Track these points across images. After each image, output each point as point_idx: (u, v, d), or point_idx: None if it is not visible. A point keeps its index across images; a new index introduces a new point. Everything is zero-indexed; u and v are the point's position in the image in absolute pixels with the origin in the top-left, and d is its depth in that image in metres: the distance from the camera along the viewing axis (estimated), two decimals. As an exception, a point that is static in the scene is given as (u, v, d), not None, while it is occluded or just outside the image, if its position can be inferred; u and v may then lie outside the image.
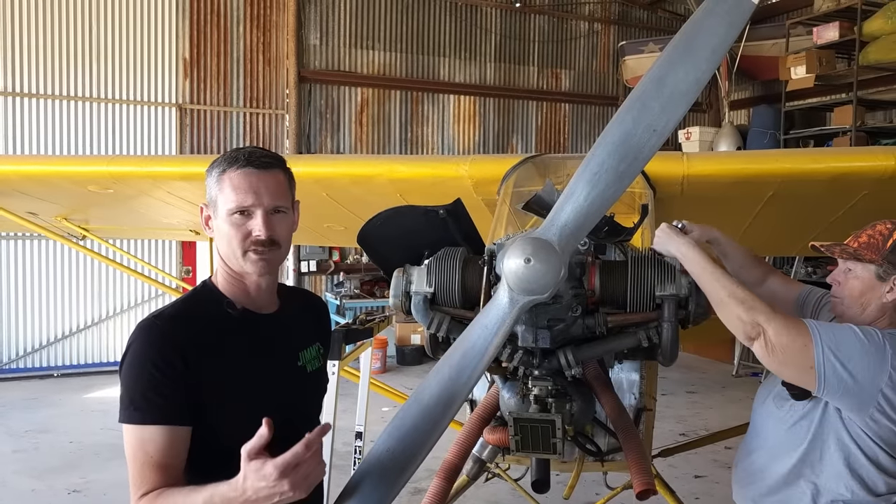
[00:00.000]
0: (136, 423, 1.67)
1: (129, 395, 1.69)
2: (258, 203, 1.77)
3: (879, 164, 3.17)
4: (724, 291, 2.01)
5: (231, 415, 1.74)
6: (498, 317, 1.70)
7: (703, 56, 1.67)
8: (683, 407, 8.41)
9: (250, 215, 1.78)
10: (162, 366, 1.68)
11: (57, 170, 4.41)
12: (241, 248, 1.79)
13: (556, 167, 3.54)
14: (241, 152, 1.81)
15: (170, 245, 10.01)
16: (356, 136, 10.95)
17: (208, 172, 1.84)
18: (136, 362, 1.70)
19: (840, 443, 2.16)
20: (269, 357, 1.85)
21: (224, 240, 1.81)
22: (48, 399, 8.55)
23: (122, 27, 9.55)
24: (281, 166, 1.86)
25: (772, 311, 2.04)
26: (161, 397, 1.67)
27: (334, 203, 4.29)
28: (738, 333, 2.07)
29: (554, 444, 1.97)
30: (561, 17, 12.12)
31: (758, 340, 2.04)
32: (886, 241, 2.17)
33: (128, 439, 1.69)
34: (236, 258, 1.80)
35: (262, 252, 1.79)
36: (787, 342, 2.02)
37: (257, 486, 1.49)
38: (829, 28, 9.45)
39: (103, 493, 5.77)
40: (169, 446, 1.67)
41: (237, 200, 1.76)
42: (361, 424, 4.60)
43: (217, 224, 1.82)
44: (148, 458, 1.66)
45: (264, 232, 1.77)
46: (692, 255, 2.02)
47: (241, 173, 1.77)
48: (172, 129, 9.87)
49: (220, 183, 1.79)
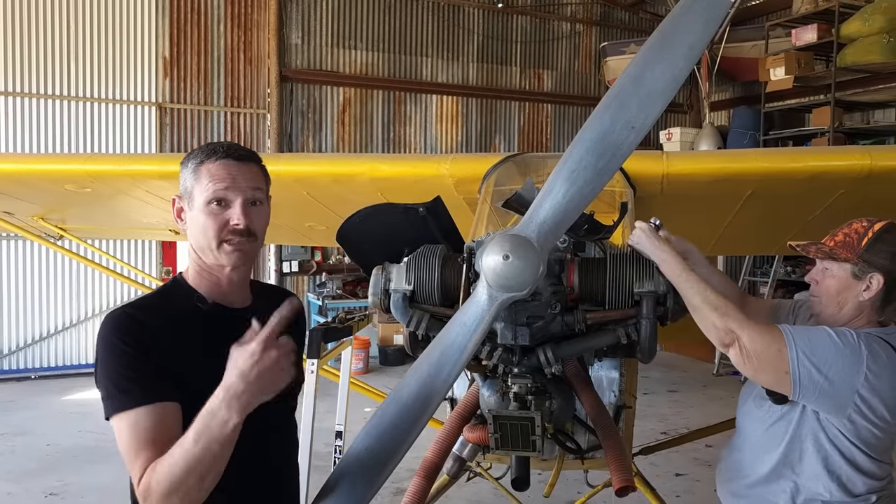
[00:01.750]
0: (123, 410, 1.63)
1: (110, 384, 1.66)
2: (237, 192, 1.78)
3: (856, 163, 3.21)
4: (699, 297, 2.02)
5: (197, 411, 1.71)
6: (477, 314, 1.69)
7: (680, 53, 1.67)
8: (665, 405, 8.46)
9: (228, 205, 1.78)
10: (132, 343, 1.66)
11: (33, 168, 4.34)
12: (216, 239, 1.78)
13: (537, 166, 3.54)
14: (219, 145, 1.82)
15: (149, 245, 9.91)
16: (338, 136, 10.91)
17: (183, 164, 1.83)
18: (108, 348, 1.68)
19: (818, 444, 2.17)
20: None
21: (199, 230, 1.79)
22: (25, 401, 8.45)
23: (101, 25, 9.45)
24: (257, 161, 1.87)
25: (745, 318, 2.06)
26: (141, 376, 1.65)
27: (315, 202, 4.26)
28: (714, 339, 2.09)
29: (534, 441, 1.96)
30: (543, 17, 12.15)
31: (732, 347, 2.06)
32: (862, 240, 2.18)
33: (119, 430, 1.64)
34: (211, 249, 1.79)
35: (239, 242, 1.78)
36: (761, 348, 2.04)
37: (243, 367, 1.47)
38: (808, 30, 9.56)
39: (81, 496, 5.71)
40: (161, 423, 1.63)
41: (216, 189, 1.76)
42: (342, 424, 4.58)
43: (192, 215, 1.81)
44: (142, 440, 1.61)
45: (243, 221, 1.77)
46: (669, 260, 2.03)
47: (219, 164, 1.78)
48: (152, 128, 9.78)
49: (196, 174, 1.79)
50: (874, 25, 8.63)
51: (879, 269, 2.16)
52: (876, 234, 2.18)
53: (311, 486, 2.98)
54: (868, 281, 2.17)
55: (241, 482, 1.74)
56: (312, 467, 3.54)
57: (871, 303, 2.20)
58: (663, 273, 2.02)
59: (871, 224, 2.21)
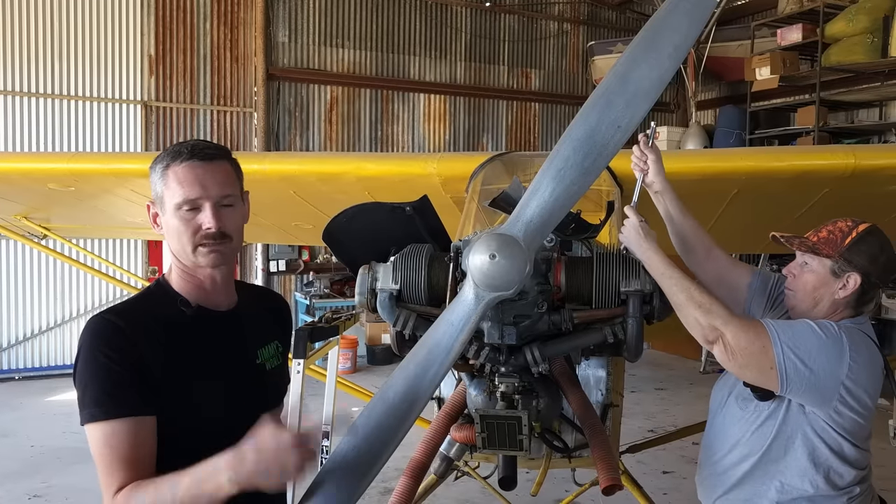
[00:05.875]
0: (97, 421, 1.62)
1: (86, 392, 1.64)
2: (205, 196, 1.73)
3: (840, 161, 3.23)
4: (683, 295, 2.03)
5: (186, 415, 1.70)
6: (464, 313, 1.69)
7: (666, 52, 1.68)
8: (652, 404, 8.49)
9: (198, 209, 1.73)
10: (115, 354, 1.63)
11: (15, 167, 4.29)
12: (191, 244, 1.75)
13: (525, 165, 3.55)
14: (185, 145, 1.76)
15: (135, 244, 9.82)
16: (325, 135, 10.87)
17: (152, 168, 1.78)
18: (89, 356, 1.65)
19: (805, 438, 2.18)
20: (225, 355, 1.81)
21: (174, 235, 1.76)
22: (9, 402, 8.35)
23: (85, 22, 9.34)
24: (226, 157, 1.82)
25: (729, 314, 2.06)
26: (119, 388, 1.62)
27: (302, 201, 4.25)
28: (698, 337, 2.09)
29: (521, 440, 1.97)
30: (531, 16, 12.17)
31: (717, 344, 2.06)
32: (845, 239, 2.20)
33: (92, 438, 1.63)
34: (186, 253, 1.77)
35: (213, 245, 1.75)
36: (745, 345, 2.04)
37: (265, 450, 1.47)
38: (793, 30, 9.62)
39: (65, 497, 5.65)
40: (135, 438, 1.61)
41: (184, 194, 1.72)
42: (328, 424, 4.57)
43: (165, 220, 1.78)
44: (115, 454, 1.60)
45: (214, 224, 1.73)
46: (654, 259, 2.04)
47: (185, 166, 1.72)
48: (138, 126, 9.69)
49: (164, 178, 1.74)
50: (858, 25, 8.70)
51: (858, 268, 2.17)
52: (859, 235, 2.20)
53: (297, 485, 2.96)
54: (845, 279, 2.19)
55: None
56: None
57: (845, 301, 2.21)
58: (649, 271, 2.02)
59: (855, 224, 2.23)
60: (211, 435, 1.65)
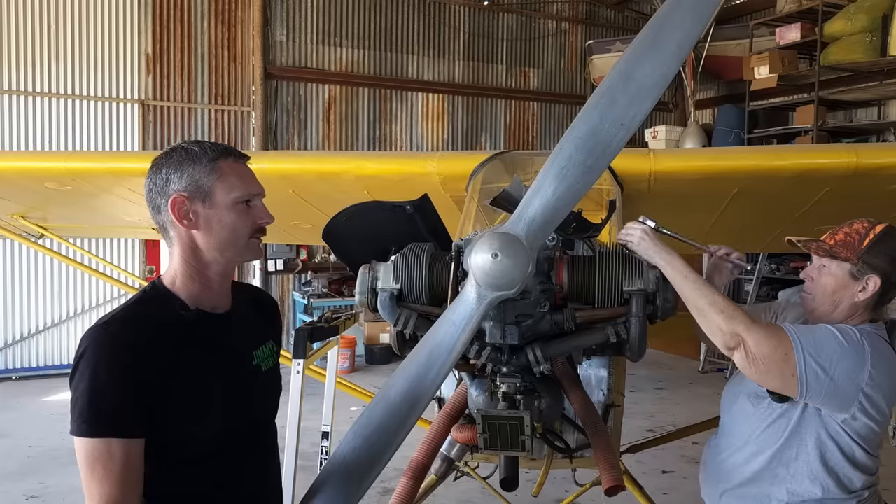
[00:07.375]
0: (86, 436, 1.59)
1: (79, 405, 1.61)
2: (260, 192, 1.84)
3: (842, 160, 3.22)
4: (705, 300, 2.01)
5: (186, 418, 1.68)
6: (465, 313, 1.68)
7: (669, 50, 1.66)
8: (651, 403, 8.48)
9: (250, 204, 1.81)
10: (114, 369, 1.60)
11: (12, 166, 4.26)
12: (247, 236, 1.80)
13: (525, 163, 3.53)
14: (222, 145, 1.83)
15: (132, 244, 9.79)
16: (324, 134, 10.85)
17: (193, 162, 1.75)
18: (88, 369, 1.61)
19: (818, 440, 2.16)
20: (223, 358, 1.79)
21: (226, 228, 1.76)
22: (6, 403, 8.32)
23: (82, 21, 9.31)
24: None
25: (751, 321, 2.04)
26: (113, 407, 1.59)
27: (301, 200, 4.23)
28: (718, 343, 2.07)
29: (522, 441, 1.95)
30: (529, 15, 12.15)
31: (738, 350, 2.04)
32: (863, 241, 2.18)
33: (79, 451, 1.61)
34: (237, 246, 1.79)
35: (261, 239, 1.85)
36: (767, 352, 2.02)
37: None
38: (792, 29, 9.61)
39: (62, 498, 5.63)
40: (122, 459, 1.59)
41: (246, 188, 1.79)
42: (328, 424, 4.55)
43: (212, 213, 1.75)
44: (100, 472, 1.59)
45: (270, 218, 1.84)
46: (674, 263, 2.02)
47: (239, 164, 1.81)
48: (135, 125, 9.66)
49: (216, 171, 1.75)
50: (857, 24, 8.69)
51: (878, 271, 2.16)
52: (878, 236, 2.18)
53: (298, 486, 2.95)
54: (865, 282, 2.17)
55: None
56: (298, 468, 3.51)
57: (865, 304, 2.20)
58: (668, 277, 2.00)
59: (872, 225, 2.21)
60: (210, 440, 1.64)
